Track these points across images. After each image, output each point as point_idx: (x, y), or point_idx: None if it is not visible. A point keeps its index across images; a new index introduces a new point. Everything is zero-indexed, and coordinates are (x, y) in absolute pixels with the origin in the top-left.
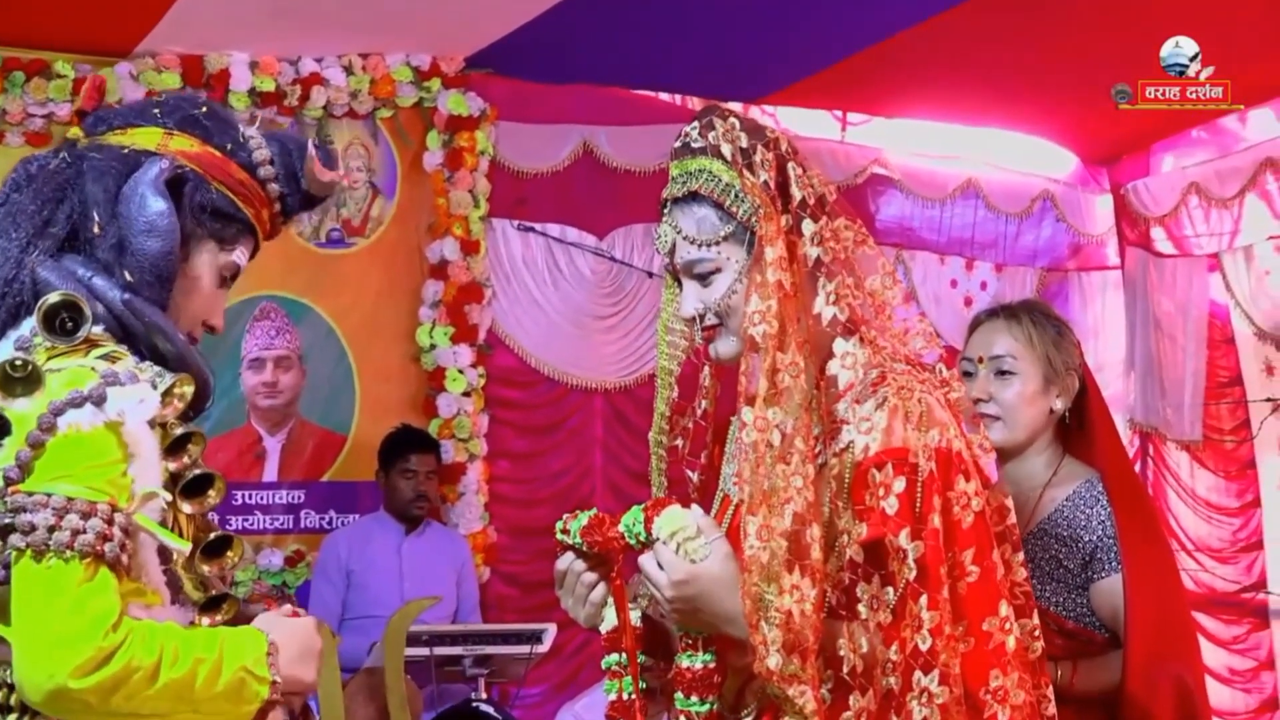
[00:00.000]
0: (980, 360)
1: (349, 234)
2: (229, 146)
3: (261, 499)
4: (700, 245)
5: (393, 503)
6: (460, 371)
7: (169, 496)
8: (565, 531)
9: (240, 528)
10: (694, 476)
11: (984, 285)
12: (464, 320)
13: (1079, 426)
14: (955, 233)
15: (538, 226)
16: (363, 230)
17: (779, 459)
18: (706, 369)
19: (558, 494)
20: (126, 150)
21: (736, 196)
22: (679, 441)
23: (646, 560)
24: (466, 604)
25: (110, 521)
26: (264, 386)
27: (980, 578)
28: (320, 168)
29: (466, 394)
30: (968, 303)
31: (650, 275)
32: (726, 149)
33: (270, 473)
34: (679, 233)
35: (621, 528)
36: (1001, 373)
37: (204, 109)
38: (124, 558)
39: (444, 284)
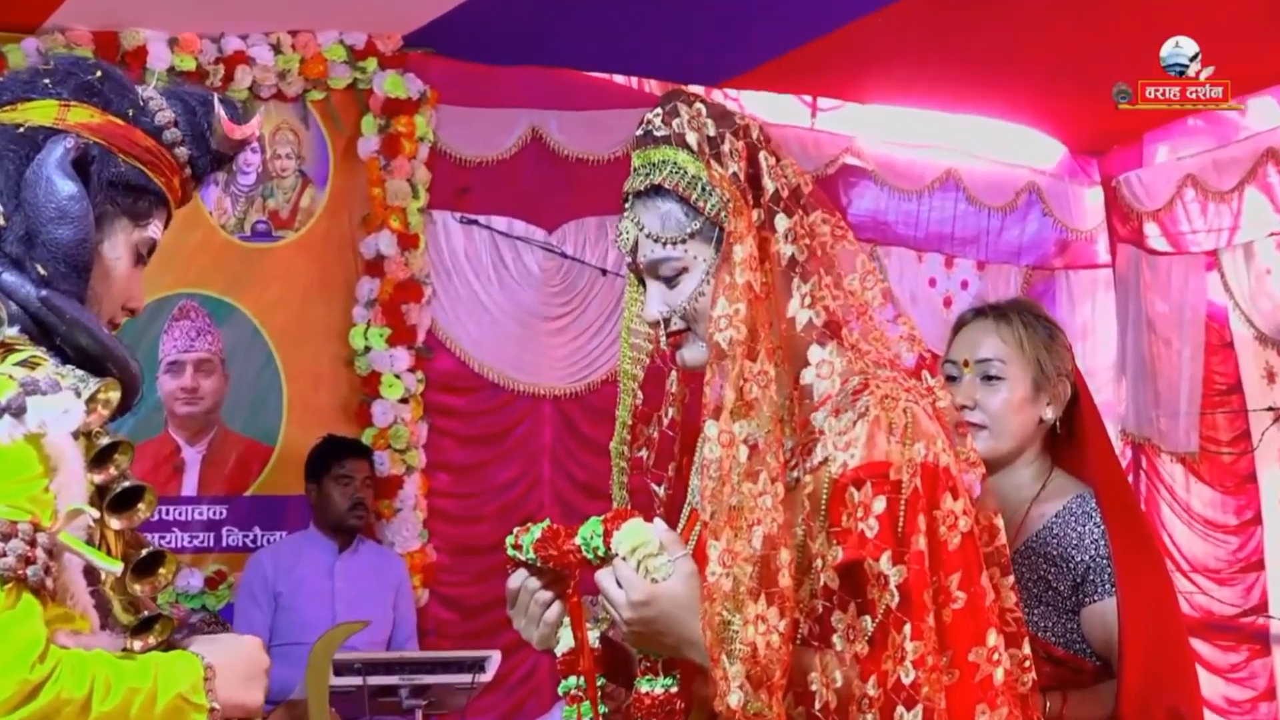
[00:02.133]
0: (966, 364)
1: (276, 226)
2: (130, 113)
3: (180, 515)
4: (664, 243)
5: (327, 515)
6: (397, 376)
7: (96, 513)
8: (517, 546)
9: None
10: (659, 490)
11: (965, 284)
12: (401, 321)
13: (1070, 437)
14: (934, 227)
15: (482, 219)
16: (291, 223)
17: (746, 477)
18: (674, 373)
19: (503, 509)
20: (22, 129)
21: (704, 190)
22: (643, 452)
23: (604, 577)
24: (403, 629)
25: (33, 543)
26: (183, 392)
27: (967, 604)
28: (229, 124)
29: (403, 401)
30: (947, 303)
31: (604, 272)
32: (692, 138)
33: (189, 486)
34: (641, 229)
35: (579, 541)
36: (989, 378)
37: (98, 73)
38: (48, 581)
39: (379, 281)
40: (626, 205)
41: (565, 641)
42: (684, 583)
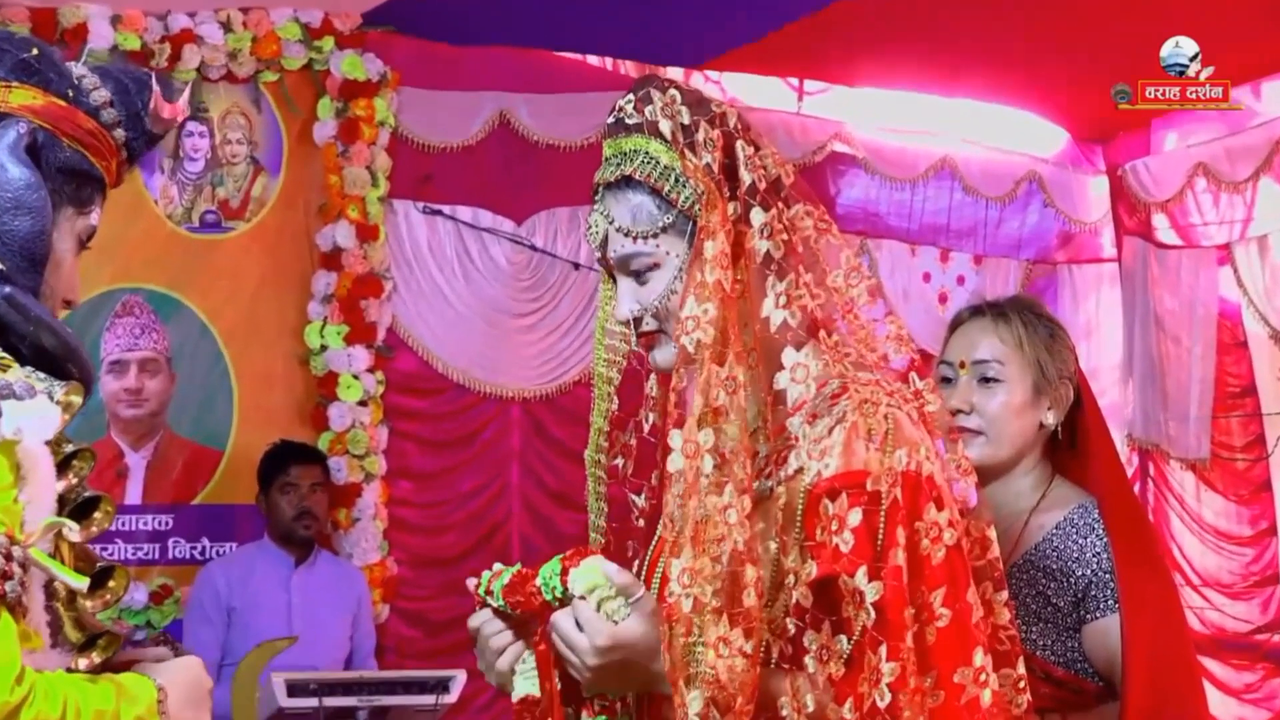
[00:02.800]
0: (962, 365)
1: (226, 217)
2: (70, 93)
3: (123, 525)
4: (635, 238)
5: (275, 526)
6: (355, 377)
7: (74, 525)
8: (489, 592)
9: None
10: (638, 500)
11: (961, 279)
12: (360, 317)
13: (1072, 444)
14: (928, 219)
15: (446, 209)
16: (242, 213)
17: (711, 489)
18: (652, 377)
19: (468, 518)
20: None
21: (677, 181)
22: (619, 460)
23: (562, 619)
24: (362, 647)
25: (9, 556)
26: (126, 394)
27: (952, 622)
28: (164, 103)
29: (362, 403)
30: (943, 299)
31: (576, 266)
32: (665, 126)
33: (133, 494)
34: (611, 223)
35: (539, 582)
36: (986, 380)
37: (34, 51)
38: (23, 598)
39: (337, 275)
40: (596, 197)
41: (521, 688)
42: (645, 622)
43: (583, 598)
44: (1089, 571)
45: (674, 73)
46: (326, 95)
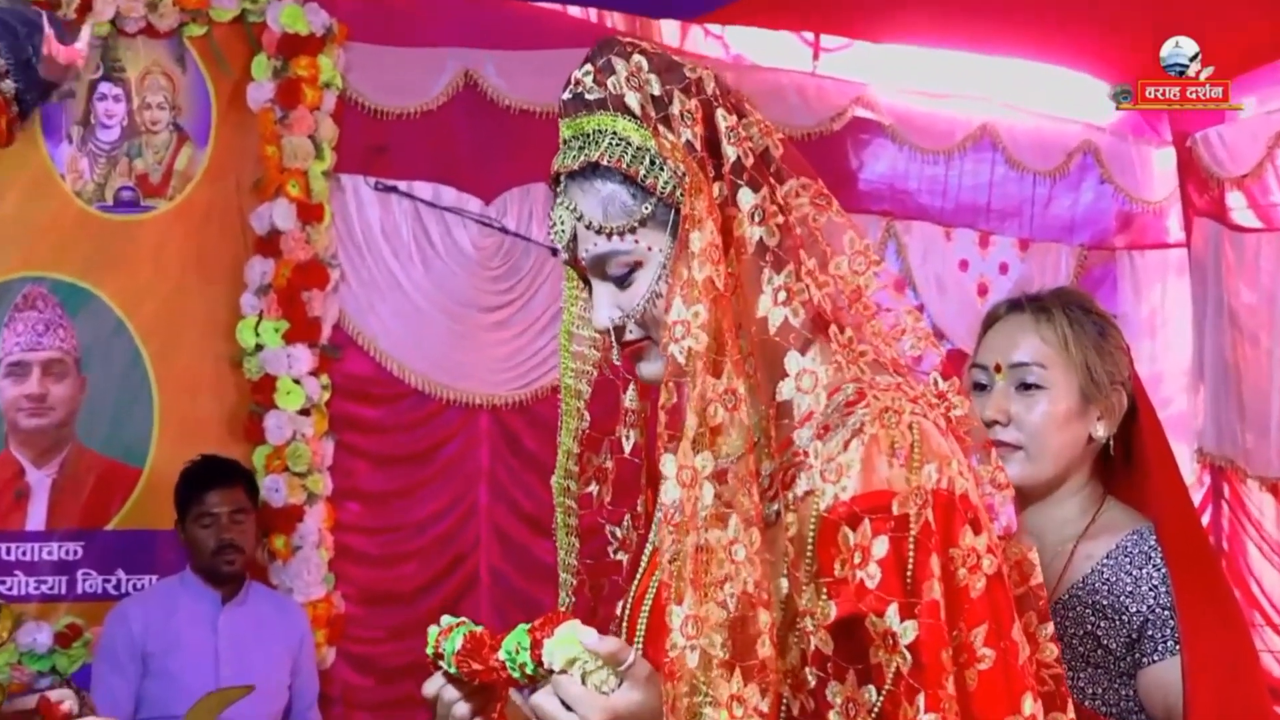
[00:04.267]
0: (997, 369)
1: (146, 194)
2: None
3: (24, 554)
4: (610, 234)
5: (195, 560)
6: (296, 381)
7: None
8: (439, 654)
9: None
10: (617, 531)
11: (1004, 267)
12: (301, 312)
13: (1126, 460)
14: (965, 197)
15: (402, 185)
16: (164, 190)
17: (713, 522)
18: (631, 389)
19: (429, 547)
20: None
21: (652, 164)
22: (593, 487)
23: (545, 700)
24: (304, 697)
25: None
26: (28, 401)
27: (997, 663)
28: (58, 46)
29: (304, 412)
30: (982, 291)
31: (555, 252)
32: (633, 99)
33: (36, 518)
34: (579, 218)
35: (503, 656)
36: (1026, 386)
37: None
38: None
39: (274, 263)
40: (558, 188)
41: None
42: (642, 688)
43: (563, 671)
44: (1145, 608)
45: (669, 26)
46: (262, 52)
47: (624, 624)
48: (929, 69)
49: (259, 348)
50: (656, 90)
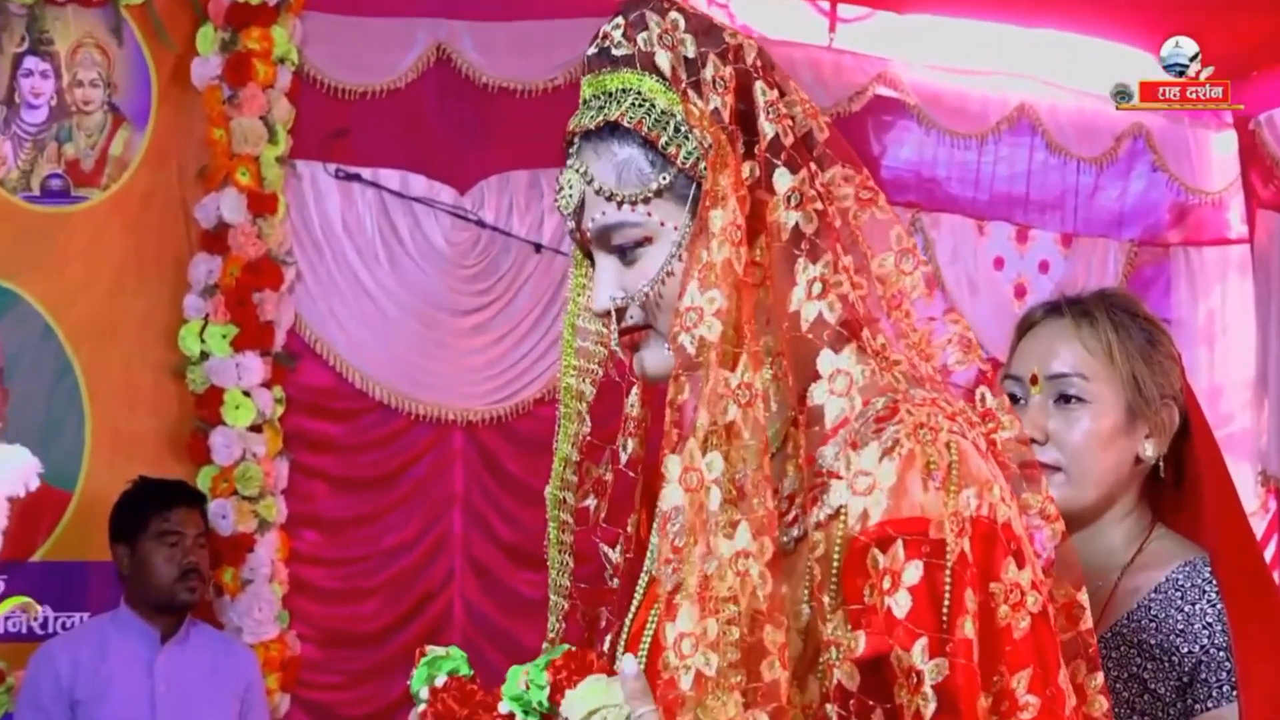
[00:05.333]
0: (1034, 380)
1: (77, 183)
2: None
3: None
4: (620, 202)
5: (146, 589)
6: (246, 394)
7: None
8: (418, 697)
9: None
10: (612, 554)
11: (1044, 266)
12: (252, 316)
13: (1177, 483)
14: (1001, 186)
15: (365, 173)
16: (97, 179)
17: (721, 530)
18: (635, 392)
19: (395, 582)
20: None
21: (677, 131)
22: (590, 501)
23: None
24: None
25: None
26: None
27: (1042, 713)
28: None
29: (255, 429)
30: (1019, 292)
31: (538, 249)
32: (664, 59)
33: None
34: (589, 183)
35: (509, 704)
36: (1066, 399)
37: None
38: None
39: (222, 260)
40: (571, 150)
41: None
42: None
43: None
44: (1198, 649)
45: None
46: (208, 22)
47: (618, 657)
48: (960, 42)
49: (204, 356)
50: (690, 52)
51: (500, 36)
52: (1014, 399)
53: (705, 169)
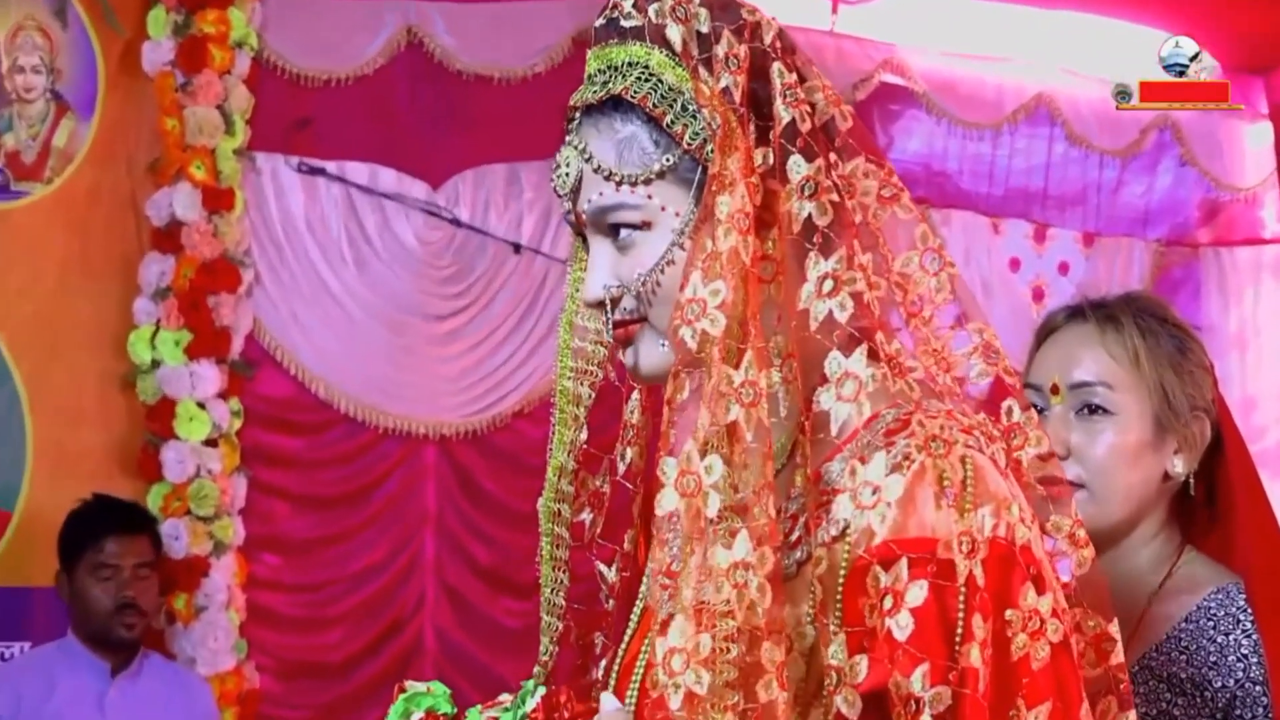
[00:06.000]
0: (1054, 390)
1: (18, 177)
2: None
3: None
4: (620, 183)
5: (85, 622)
6: (200, 406)
7: None
8: None
9: None
10: (608, 572)
11: (1063, 267)
12: (207, 321)
13: (1209, 502)
14: (1017, 181)
15: (330, 167)
16: (40, 172)
17: (719, 539)
18: (635, 398)
19: (362, 609)
20: None
21: (684, 109)
22: (585, 515)
23: None
24: None
25: None
26: None
27: None
28: None
29: (211, 443)
30: (1038, 295)
31: (517, 249)
32: (675, 32)
33: None
34: (588, 160)
35: None
36: (1089, 410)
37: None
38: None
39: (175, 260)
40: (571, 126)
41: None
42: None
43: None
44: (1233, 682)
45: None
46: (160, 4)
47: (610, 686)
48: (973, 25)
49: (155, 365)
50: (704, 27)
51: (476, 19)
52: (1035, 410)
53: (712, 151)
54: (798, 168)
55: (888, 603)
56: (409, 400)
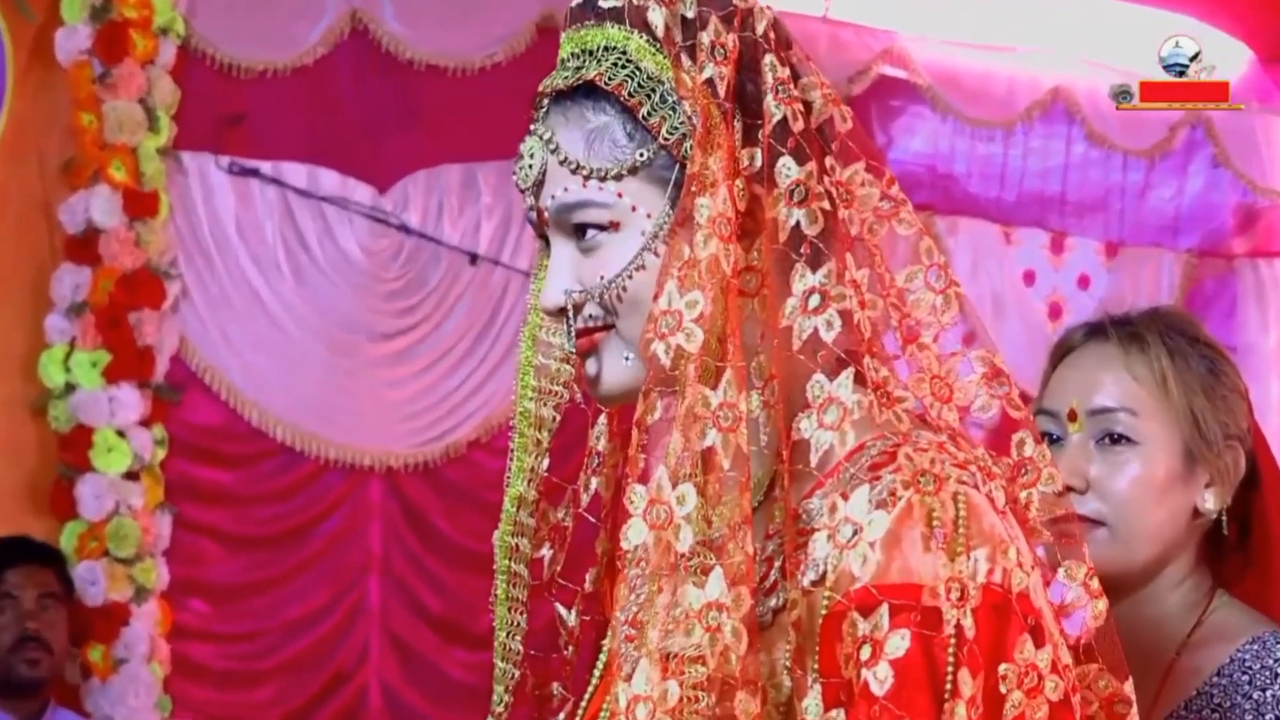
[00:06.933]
0: (1072, 417)
1: None
2: None
3: None
4: (588, 177)
5: None
6: (120, 434)
7: None
8: None
9: None
10: (568, 616)
11: (1084, 281)
12: (128, 340)
13: (1243, 541)
14: (1032, 185)
15: (265, 168)
16: None
17: (691, 576)
18: (601, 422)
19: (298, 662)
20: None
21: (663, 100)
22: (545, 551)
23: None
24: None
25: None
26: None
27: None
28: None
29: (132, 476)
30: (1054, 312)
31: (473, 259)
32: (657, 15)
33: None
34: (553, 151)
35: None
36: (1111, 440)
37: None
38: None
39: (92, 272)
40: (538, 114)
41: None
42: None
43: None
44: None
45: None
46: None
47: None
48: (982, 12)
49: (70, 389)
50: (690, 11)
51: (428, 3)
52: (1048, 439)
53: (690, 148)
54: (787, 171)
55: (865, 652)
56: (352, 428)
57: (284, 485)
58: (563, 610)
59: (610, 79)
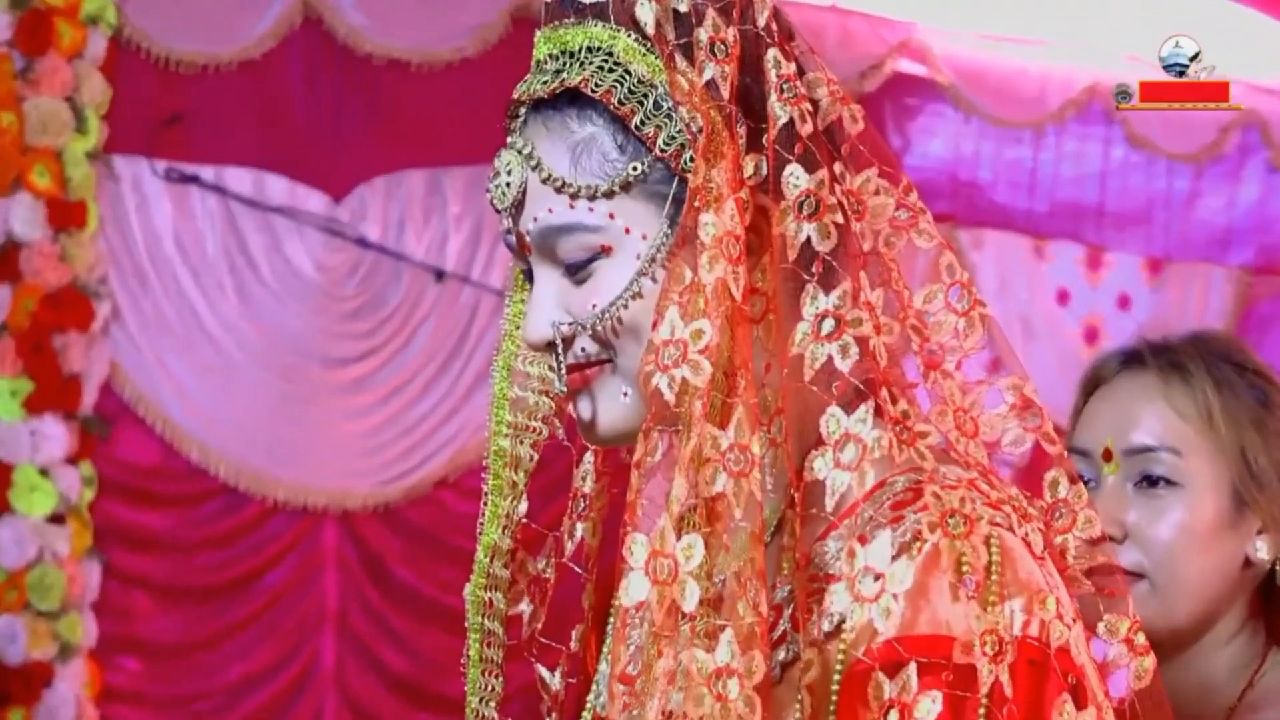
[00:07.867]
0: (1107, 456)
1: None
2: None
3: None
4: (575, 195)
5: None
6: (44, 473)
7: None
8: None
9: None
10: (551, 679)
11: (1123, 300)
12: (52, 366)
13: None
14: (1066, 193)
15: (206, 173)
16: None
17: (697, 638)
18: (588, 461)
19: None
20: None
21: (657, 106)
22: (524, 606)
23: None
24: None
25: None
26: None
27: None
28: None
29: (57, 519)
30: (1090, 336)
31: (439, 276)
32: (647, 11)
33: None
34: (534, 167)
35: None
36: (1152, 482)
37: None
38: None
39: (12, 290)
40: (514, 125)
41: None
42: None
43: None
44: None
45: None
46: None
47: None
48: (1010, 1)
49: None
50: (683, 4)
51: None
52: (1083, 482)
53: (691, 159)
54: (795, 180)
55: (893, 718)
56: (304, 466)
57: (227, 530)
58: (545, 673)
59: (597, 85)
